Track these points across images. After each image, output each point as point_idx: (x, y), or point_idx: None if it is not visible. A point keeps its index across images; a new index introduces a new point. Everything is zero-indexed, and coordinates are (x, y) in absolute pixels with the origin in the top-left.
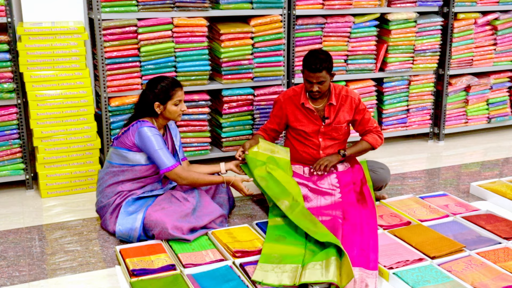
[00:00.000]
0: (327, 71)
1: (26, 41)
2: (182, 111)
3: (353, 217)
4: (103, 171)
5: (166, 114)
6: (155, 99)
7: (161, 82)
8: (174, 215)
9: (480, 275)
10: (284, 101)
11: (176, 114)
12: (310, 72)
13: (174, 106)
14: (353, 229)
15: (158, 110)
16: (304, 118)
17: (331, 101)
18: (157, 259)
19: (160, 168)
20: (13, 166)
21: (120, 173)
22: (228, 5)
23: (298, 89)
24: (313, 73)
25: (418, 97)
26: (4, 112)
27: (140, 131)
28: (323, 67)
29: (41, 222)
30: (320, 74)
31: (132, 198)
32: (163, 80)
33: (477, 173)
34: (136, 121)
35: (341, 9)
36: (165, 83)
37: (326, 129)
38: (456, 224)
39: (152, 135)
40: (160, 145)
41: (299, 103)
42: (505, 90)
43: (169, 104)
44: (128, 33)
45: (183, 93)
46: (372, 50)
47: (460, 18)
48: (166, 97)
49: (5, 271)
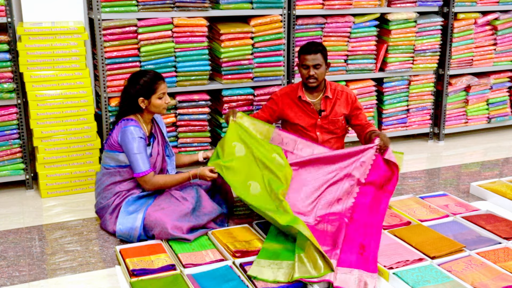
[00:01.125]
0: (322, 55)
1: (26, 41)
2: (167, 104)
3: (360, 218)
4: (100, 173)
5: (151, 108)
6: (139, 94)
7: (142, 77)
8: (174, 214)
9: (480, 275)
10: (281, 96)
11: (162, 107)
12: (306, 54)
13: (159, 99)
14: (356, 230)
15: (142, 105)
16: (301, 111)
17: (327, 94)
18: (157, 259)
19: (134, 171)
20: (13, 166)
21: (116, 174)
22: (228, 5)
23: (295, 85)
24: (309, 55)
25: (418, 97)
26: (4, 112)
27: (124, 130)
28: (319, 50)
29: (41, 222)
30: (316, 56)
31: (132, 197)
32: (144, 75)
33: (477, 173)
34: (121, 120)
35: (341, 9)
36: (147, 77)
37: (323, 122)
38: (456, 224)
39: (134, 137)
40: (139, 150)
41: (295, 97)
42: (505, 90)
43: (153, 98)
44: (128, 33)
45: (166, 85)
46: (372, 50)
47: (460, 18)
48: (149, 91)
49: (5, 271)
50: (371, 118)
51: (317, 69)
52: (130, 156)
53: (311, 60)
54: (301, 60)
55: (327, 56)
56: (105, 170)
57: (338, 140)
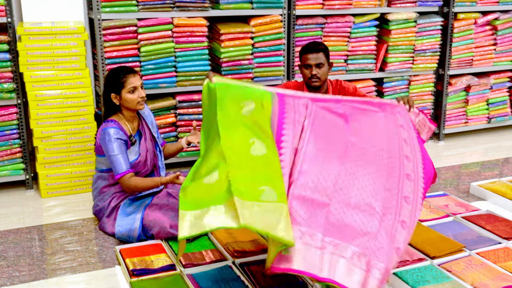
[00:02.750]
0: (324, 54)
1: (26, 41)
2: (141, 98)
3: None
4: (96, 175)
5: (125, 104)
6: (109, 90)
7: (112, 72)
8: (172, 213)
9: (480, 275)
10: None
11: (136, 102)
12: (308, 53)
13: (130, 94)
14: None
15: (116, 101)
16: None
17: (329, 93)
18: (157, 259)
19: (114, 173)
20: (13, 166)
21: (109, 177)
22: (228, 5)
23: (299, 83)
24: (311, 54)
25: (418, 97)
26: (4, 112)
27: (103, 132)
28: (321, 49)
29: (41, 222)
30: (318, 55)
31: (129, 198)
32: (114, 70)
33: (477, 173)
34: (103, 122)
35: (341, 9)
36: (114, 71)
37: None
38: (456, 224)
39: (113, 139)
40: (118, 150)
41: None
42: (505, 90)
43: (123, 92)
44: (128, 33)
45: (137, 79)
46: (372, 50)
47: (460, 18)
48: (118, 86)
49: (5, 271)
50: None
51: (320, 68)
52: (109, 158)
53: (313, 59)
54: (303, 60)
55: (329, 55)
56: (99, 173)
57: None
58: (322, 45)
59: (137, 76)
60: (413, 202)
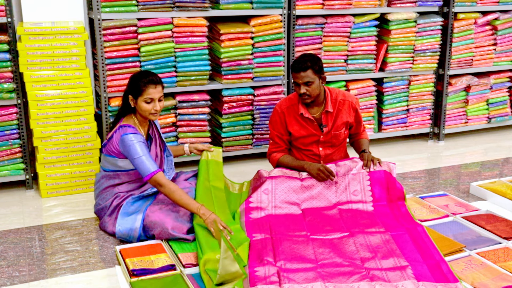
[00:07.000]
0: (313, 70)
1: (26, 41)
2: (155, 111)
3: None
4: (99, 175)
5: (139, 110)
6: (128, 91)
7: (138, 76)
8: (173, 214)
9: (480, 275)
10: (282, 112)
11: (148, 113)
12: (295, 72)
13: (145, 103)
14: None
15: (132, 104)
16: (303, 129)
17: (327, 109)
18: (157, 259)
19: (142, 175)
20: (13, 166)
21: (115, 177)
22: (228, 5)
23: (293, 97)
24: (297, 73)
25: (418, 97)
26: (4, 112)
27: (123, 139)
28: (307, 66)
29: (41, 222)
30: (305, 74)
31: (131, 198)
32: (141, 74)
33: (477, 173)
34: (118, 126)
35: (341, 9)
36: (140, 76)
37: (325, 138)
38: (456, 224)
39: (135, 142)
40: (142, 152)
41: (297, 114)
42: (505, 90)
43: (139, 100)
44: (128, 33)
45: (158, 91)
46: (372, 50)
47: (460, 18)
48: (137, 92)
49: (5, 271)
50: (371, 118)
51: (309, 86)
52: (135, 161)
53: (300, 78)
54: (292, 76)
55: (320, 68)
56: (104, 173)
57: (339, 150)
58: (309, 61)
59: (158, 87)
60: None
